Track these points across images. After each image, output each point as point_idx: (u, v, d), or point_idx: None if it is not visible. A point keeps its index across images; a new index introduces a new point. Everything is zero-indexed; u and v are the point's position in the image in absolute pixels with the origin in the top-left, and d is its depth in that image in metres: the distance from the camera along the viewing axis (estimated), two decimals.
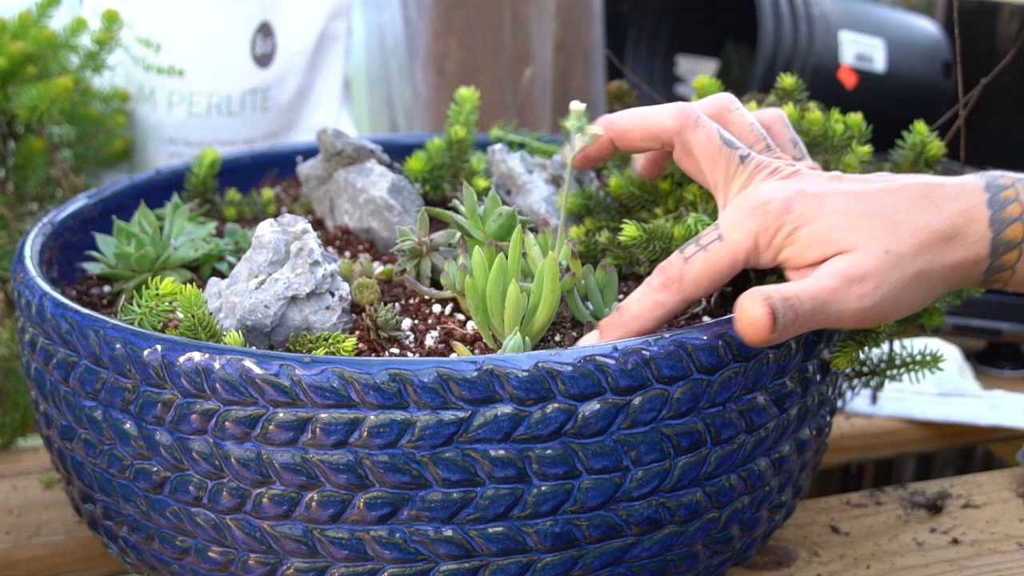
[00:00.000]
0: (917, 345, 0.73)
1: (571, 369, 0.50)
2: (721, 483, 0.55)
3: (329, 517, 0.51)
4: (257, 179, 0.83)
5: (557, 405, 0.50)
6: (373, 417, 0.49)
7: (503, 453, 0.50)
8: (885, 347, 0.73)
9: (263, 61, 1.09)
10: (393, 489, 0.50)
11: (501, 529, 0.51)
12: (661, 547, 0.54)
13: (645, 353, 0.51)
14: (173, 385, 0.51)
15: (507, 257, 0.56)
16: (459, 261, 0.59)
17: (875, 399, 0.92)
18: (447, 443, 0.49)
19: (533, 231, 0.66)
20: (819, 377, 0.60)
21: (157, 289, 0.55)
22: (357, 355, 0.56)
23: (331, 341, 0.55)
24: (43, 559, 0.73)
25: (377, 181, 0.70)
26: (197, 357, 0.51)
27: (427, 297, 0.62)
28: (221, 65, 1.07)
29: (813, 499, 0.77)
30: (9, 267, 0.81)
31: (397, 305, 0.61)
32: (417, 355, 0.57)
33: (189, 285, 0.54)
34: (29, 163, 0.91)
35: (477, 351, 0.56)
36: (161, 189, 0.77)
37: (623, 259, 0.65)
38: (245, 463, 0.51)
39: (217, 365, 0.50)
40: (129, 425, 0.53)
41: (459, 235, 0.62)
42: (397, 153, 0.79)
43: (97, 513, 0.59)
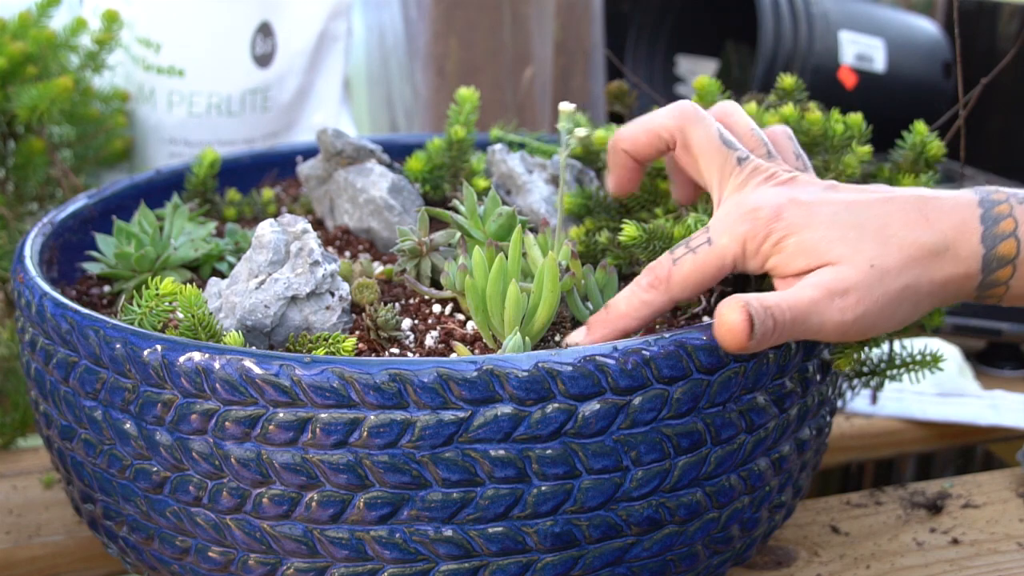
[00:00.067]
0: (917, 345, 0.73)
1: (571, 369, 0.50)
2: (721, 483, 0.55)
3: (329, 517, 0.51)
4: (257, 179, 0.83)
5: (557, 405, 0.50)
6: (373, 417, 0.49)
7: (503, 453, 0.50)
8: (885, 347, 0.73)
9: (263, 61, 1.09)
10: (393, 489, 0.50)
11: (501, 529, 0.51)
12: (661, 547, 0.54)
13: (645, 353, 0.51)
14: (173, 385, 0.51)
15: (507, 257, 0.56)
16: (459, 261, 0.59)
17: (875, 399, 0.92)
18: (447, 443, 0.49)
19: (533, 231, 0.66)
20: (819, 377, 0.60)
21: (157, 289, 0.55)
22: (357, 355, 0.56)
23: (331, 341, 0.55)
24: (43, 559, 0.73)
25: (377, 181, 0.70)
26: (197, 357, 0.51)
27: (427, 297, 0.62)
28: (221, 65, 1.07)
29: (813, 499, 0.77)
30: (9, 267, 0.81)
31: (397, 305, 0.61)
32: (417, 355, 0.57)
33: (189, 285, 0.54)
34: (29, 163, 0.91)
35: (477, 351, 0.56)
36: (161, 189, 0.77)
37: (623, 259, 0.65)
38: (245, 463, 0.51)
39: (217, 365, 0.50)
40: (129, 425, 0.53)
41: (459, 235, 0.62)
42: (397, 153, 0.79)
43: (97, 513, 0.59)
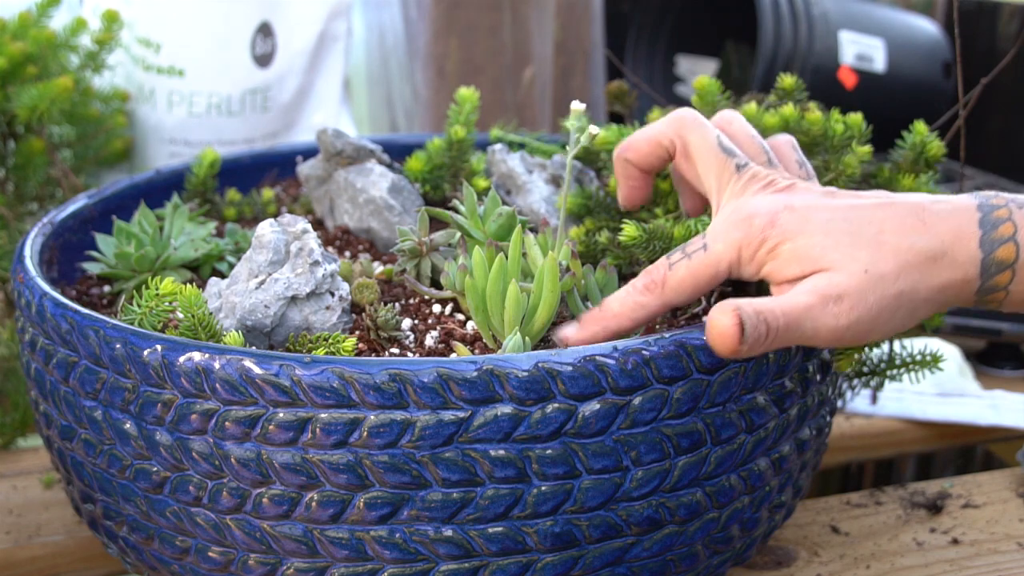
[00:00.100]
0: (917, 345, 0.73)
1: (571, 369, 0.50)
2: (721, 483, 0.55)
3: (329, 517, 0.51)
4: (257, 179, 0.83)
5: (557, 405, 0.50)
6: (373, 417, 0.49)
7: (503, 453, 0.50)
8: (885, 347, 0.73)
9: (263, 61, 1.09)
10: (393, 489, 0.50)
11: (501, 529, 0.51)
12: (661, 547, 0.54)
13: (645, 353, 0.51)
14: (173, 385, 0.51)
15: (507, 257, 0.56)
16: (459, 261, 0.59)
17: (875, 399, 0.92)
18: (447, 443, 0.49)
19: (533, 231, 0.66)
20: (819, 377, 0.60)
21: (157, 289, 0.55)
22: (357, 355, 0.56)
23: (331, 341, 0.55)
24: (43, 559, 0.73)
25: (377, 181, 0.70)
26: (197, 357, 0.51)
27: (427, 297, 0.62)
28: (221, 65, 1.07)
29: (813, 499, 0.77)
30: (9, 267, 0.81)
31: (397, 305, 0.61)
32: (417, 355, 0.57)
33: (189, 285, 0.54)
34: (29, 163, 0.91)
35: (477, 351, 0.56)
36: (161, 189, 0.77)
37: (623, 259, 0.65)
38: (245, 463, 0.51)
39: (217, 365, 0.50)
40: (129, 425, 0.53)
41: (459, 235, 0.62)
42: (397, 153, 0.79)
43: (97, 513, 0.59)
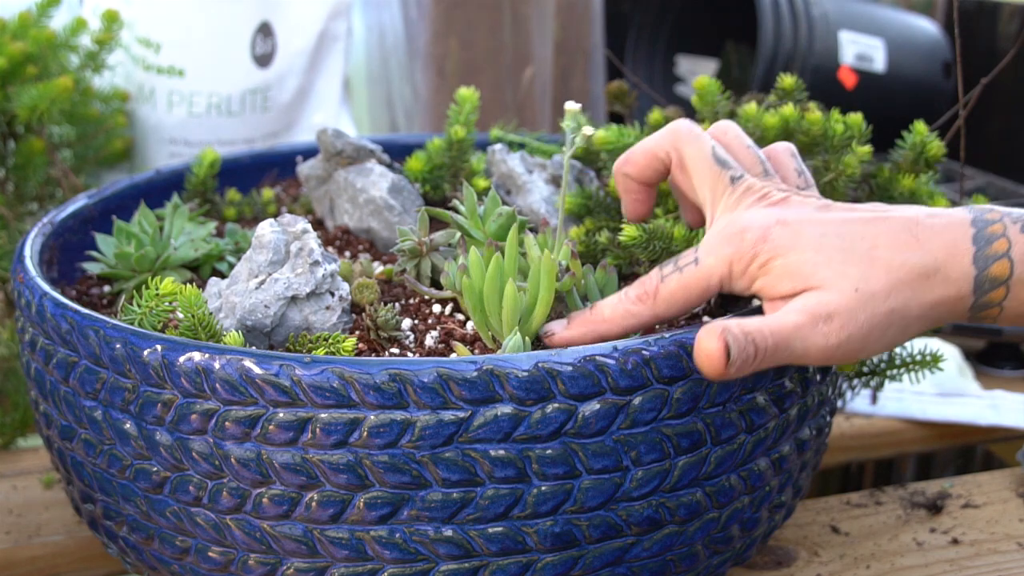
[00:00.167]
0: (917, 345, 0.73)
1: (571, 369, 0.50)
2: (721, 483, 0.55)
3: (329, 517, 0.51)
4: (257, 179, 0.83)
5: (557, 405, 0.50)
6: (373, 417, 0.49)
7: (503, 453, 0.50)
8: None
9: (263, 61, 1.09)
10: (393, 489, 0.50)
11: (501, 529, 0.51)
12: (661, 547, 0.54)
13: (645, 353, 0.51)
14: (173, 385, 0.51)
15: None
16: (459, 261, 0.59)
17: (875, 399, 0.92)
18: (447, 443, 0.49)
19: (533, 231, 0.66)
20: (819, 377, 0.60)
21: (157, 289, 0.55)
22: (357, 355, 0.56)
23: (331, 341, 0.55)
24: (43, 559, 0.73)
25: (377, 181, 0.70)
26: (197, 357, 0.51)
27: (427, 297, 0.62)
28: (221, 65, 1.07)
29: (813, 499, 0.77)
30: (9, 267, 0.81)
31: (397, 305, 0.61)
32: (417, 355, 0.57)
33: (189, 285, 0.54)
34: (29, 163, 0.91)
35: (477, 351, 0.56)
36: (161, 189, 0.77)
37: (623, 259, 0.65)
38: (245, 463, 0.51)
39: (217, 365, 0.50)
40: (129, 425, 0.53)
41: (459, 235, 0.62)
42: (397, 153, 0.79)
43: (97, 513, 0.59)
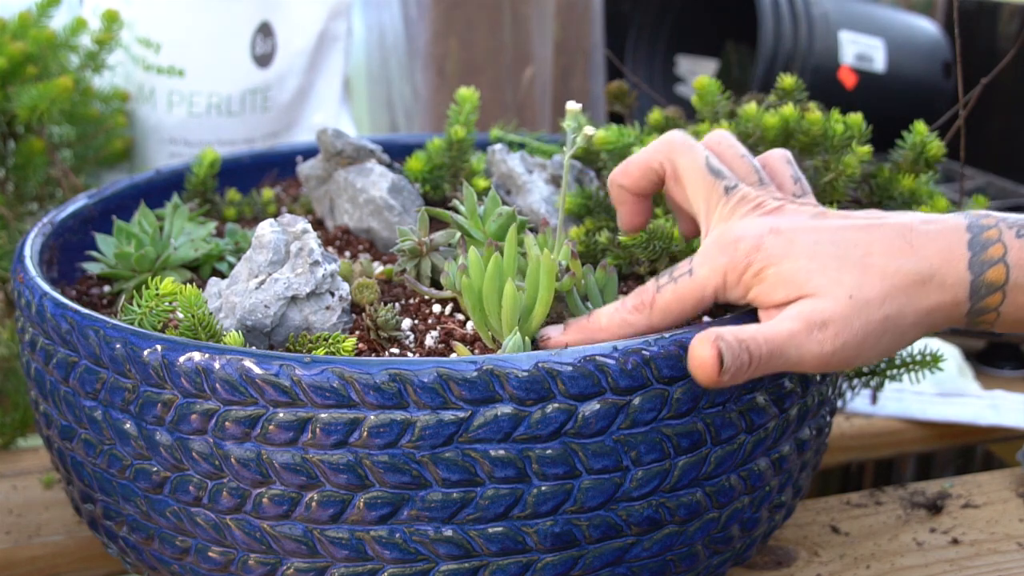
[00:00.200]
0: (917, 345, 0.73)
1: (571, 369, 0.50)
2: (721, 483, 0.55)
3: (329, 517, 0.51)
4: (257, 179, 0.83)
5: (557, 405, 0.50)
6: (373, 417, 0.49)
7: (503, 453, 0.50)
8: None
9: (263, 61, 1.09)
10: (393, 489, 0.50)
11: (501, 529, 0.51)
12: (661, 547, 0.54)
13: (645, 353, 0.51)
14: (173, 385, 0.51)
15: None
16: (459, 261, 0.59)
17: (875, 399, 0.92)
18: (447, 443, 0.49)
19: (533, 231, 0.66)
20: (819, 377, 0.60)
21: (157, 289, 0.55)
22: (357, 355, 0.56)
23: (331, 341, 0.55)
24: (43, 559, 0.73)
25: (377, 181, 0.70)
26: (197, 357, 0.51)
27: (427, 297, 0.62)
28: (221, 65, 1.07)
29: (813, 499, 0.77)
30: (9, 267, 0.81)
31: (397, 305, 0.61)
32: (417, 355, 0.57)
33: (189, 285, 0.54)
34: (29, 163, 0.91)
35: (477, 351, 0.56)
36: (161, 189, 0.77)
37: (623, 259, 0.65)
38: (245, 463, 0.51)
39: (217, 365, 0.50)
40: (129, 425, 0.53)
41: (459, 235, 0.62)
42: (397, 153, 0.79)
43: (97, 513, 0.59)
